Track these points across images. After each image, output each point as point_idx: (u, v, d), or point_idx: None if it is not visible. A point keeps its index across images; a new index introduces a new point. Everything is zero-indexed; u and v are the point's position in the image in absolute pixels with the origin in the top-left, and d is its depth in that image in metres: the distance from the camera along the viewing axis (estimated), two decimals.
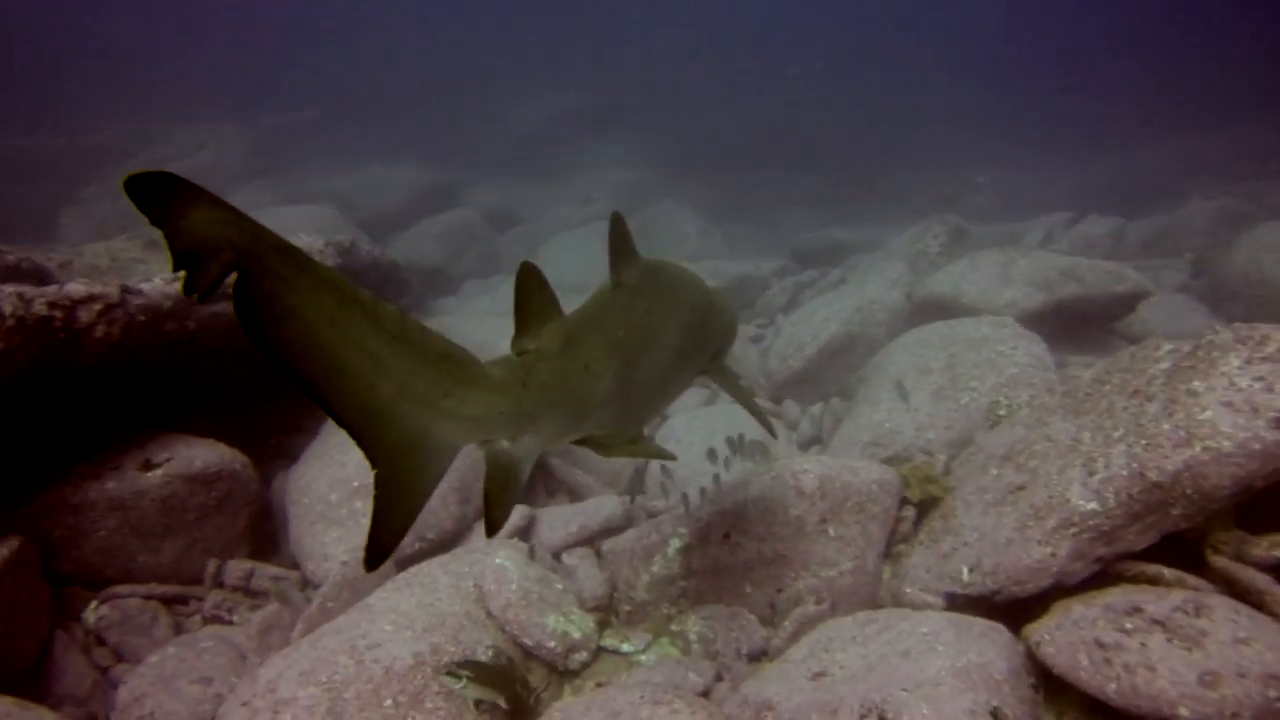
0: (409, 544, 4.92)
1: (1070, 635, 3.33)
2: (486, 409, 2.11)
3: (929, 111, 25.04)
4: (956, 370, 6.01)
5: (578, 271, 9.79)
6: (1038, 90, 27.00)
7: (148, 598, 4.58)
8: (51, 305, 4.12)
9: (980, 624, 3.56)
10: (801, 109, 23.21)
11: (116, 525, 4.55)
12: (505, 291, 11.07)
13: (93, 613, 4.49)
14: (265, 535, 5.19)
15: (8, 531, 4.34)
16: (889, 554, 4.63)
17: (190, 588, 4.75)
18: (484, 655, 3.91)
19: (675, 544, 4.67)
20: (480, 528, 5.10)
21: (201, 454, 4.78)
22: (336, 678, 3.63)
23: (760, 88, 25.54)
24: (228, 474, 4.83)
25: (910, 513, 4.71)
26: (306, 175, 17.19)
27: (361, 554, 1.97)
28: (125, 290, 4.41)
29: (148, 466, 4.61)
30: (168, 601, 4.65)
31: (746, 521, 4.64)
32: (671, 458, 3.06)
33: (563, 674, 4.21)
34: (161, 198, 1.45)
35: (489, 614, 4.23)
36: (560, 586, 4.55)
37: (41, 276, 4.97)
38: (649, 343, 2.95)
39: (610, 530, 5.17)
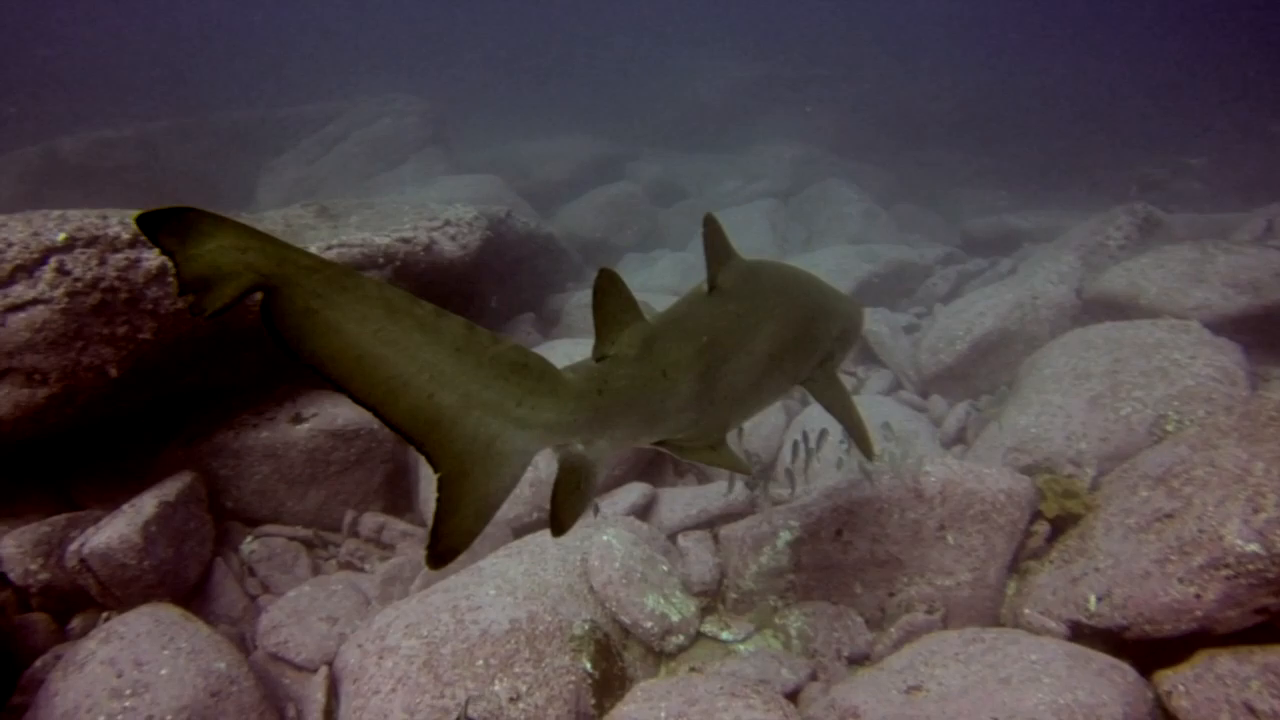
0: (527, 513, 5.09)
1: (1212, 691, 2.99)
2: (560, 416, 2.15)
3: (1135, 82, 22.60)
4: (1120, 377, 5.44)
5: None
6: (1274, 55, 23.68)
7: (292, 539, 5.02)
8: None
9: (1101, 660, 3.25)
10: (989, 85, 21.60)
11: (269, 471, 5.01)
12: (664, 266, 11.08)
13: (247, 546, 4.97)
14: (400, 492, 5.51)
15: (183, 467, 4.89)
16: (1016, 569, 4.31)
17: (329, 534, 5.16)
18: (580, 629, 3.99)
19: (785, 536, 4.57)
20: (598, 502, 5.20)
21: (344, 412, 5.14)
22: (436, 634, 3.83)
23: (945, 62, 23.99)
24: (366, 432, 5.17)
25: (1043, 527, 4.35)
26: (478, 145, 17.77)
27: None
28: None
29: (297, 420, 5.03)
30: (309, 544, 5.08)
31: (860, 520, 4.47)
32: (749, 471, 3.02)
33: (659, 655, 4.24)
34: (173, 230, 1.55)
35: (591, 589, 4.32)
36: (665, 568, 4.56)
37: None
38: (738, 348, 2.86)
39: (731, 515, 5.12)
